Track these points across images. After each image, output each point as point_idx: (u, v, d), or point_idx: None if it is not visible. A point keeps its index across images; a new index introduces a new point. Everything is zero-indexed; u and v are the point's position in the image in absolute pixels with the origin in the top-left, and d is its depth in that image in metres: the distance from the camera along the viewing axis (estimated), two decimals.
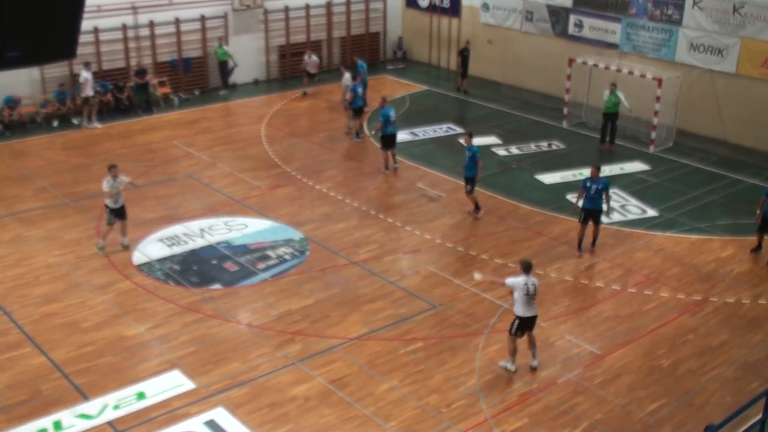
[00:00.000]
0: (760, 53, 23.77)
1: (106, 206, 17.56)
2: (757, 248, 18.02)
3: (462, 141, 19.53)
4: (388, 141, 22.05)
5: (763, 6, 23.47)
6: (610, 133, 24.30)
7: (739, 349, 14.52)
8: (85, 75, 25.44)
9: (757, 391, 12.59)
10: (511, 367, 13.65)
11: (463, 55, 30.34)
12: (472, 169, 19.16)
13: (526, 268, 13.27)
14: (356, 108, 24.52)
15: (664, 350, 14.30)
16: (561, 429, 12.39)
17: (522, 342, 13.63)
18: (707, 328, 15.19)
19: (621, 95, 23.80)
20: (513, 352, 13.63)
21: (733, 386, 13.47)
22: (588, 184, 17.55)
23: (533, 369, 13.70)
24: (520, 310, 13.30)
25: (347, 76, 25.83)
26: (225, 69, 29.69)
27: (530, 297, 13.24)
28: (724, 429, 10.83)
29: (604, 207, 17.57)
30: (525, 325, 13.43)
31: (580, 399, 13.08)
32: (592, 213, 17.63)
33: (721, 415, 11.92)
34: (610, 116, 24.11)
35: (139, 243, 18.02)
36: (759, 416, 11.35)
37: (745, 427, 11.54)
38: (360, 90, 24.53)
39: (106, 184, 17.37)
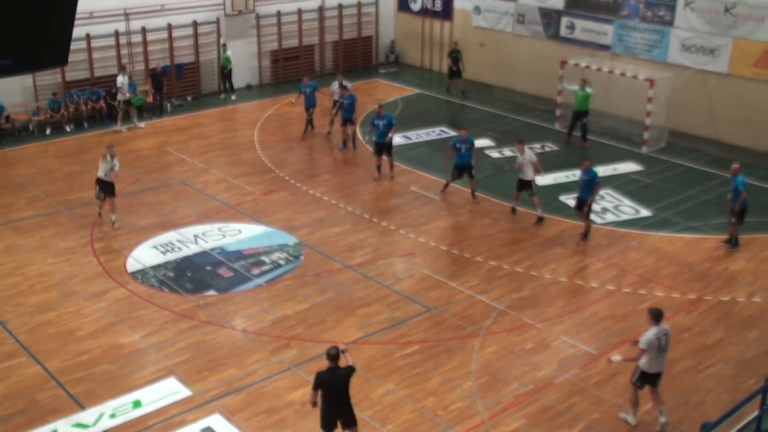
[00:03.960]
0: (752, 53, 23.85)
1: (97, 179, 18.74)
2: (729, 241, 18.23)
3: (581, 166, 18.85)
4: (384, 147, 21.86)
5: (754, 6, 23.55)
6: (581, 129, 24.38)
7: (735, 347, 14.56)
8: (121, 79, 25.84)
9: (753, 388, 12.61)
10: (631, 420, 12.44)
11: (452, 56, 30.53)
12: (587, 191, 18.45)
13: (657, 317, 11.97)
14: (345, 118, 24.16)
15: None
16: (558, 429, 12.40)
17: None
18: (702, 326, 15.22)
19: (590, 90, 23.88)
20: (634, 404, 12.39)
21: (729, 384, 13.50)
22: (457, 145, 19.88)
23: (663, 424, 12.33)
24: (647, 364, 12.04)
25: (335, 84, 25.39)
26: (230, 74, 29.77)
27: (662, 350, 12.01)
28: (720, 426, 10.87)
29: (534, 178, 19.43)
30: (649, 379, 12.20)
31: (576, 399, 13.10)
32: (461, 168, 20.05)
33: (717, 412, 11.94)
34: (580, 113, 24.20)
35: (133, 250, 17.99)
36: (755, 413, 11.39)
37: (741, 425, 11.57)
38: (346, 103, 24.06)
39: (102, 164, 18.63)
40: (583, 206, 18.41)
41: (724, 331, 15.07)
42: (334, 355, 10.90)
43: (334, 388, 10.92)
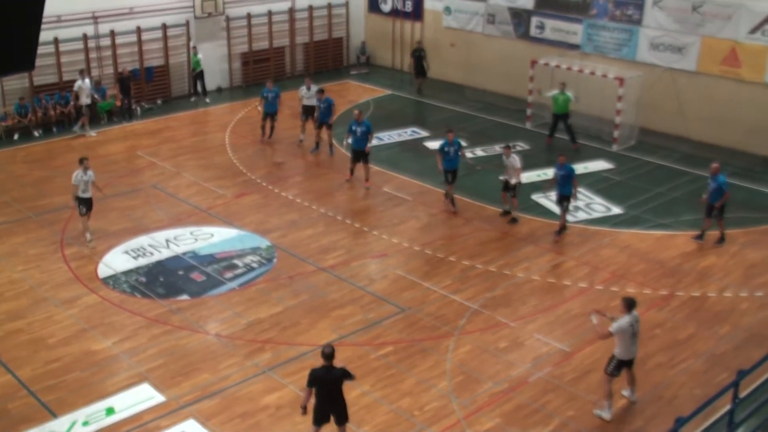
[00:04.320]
0: (719, 51, 24.09)
1: (77, 197, 18.11)
2: (700, 236, 18.41)
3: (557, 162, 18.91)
4: (361, 154, 21.49)
5: (721, 4, 23.80)
6: (567, 132, 24.49)
7: (706, 342, 14.69)
8: (79, 83, 25.41)
9: (725, 382, 12.74)
10: (606, 415, 12.56)
11: (415, 56, 30.80)
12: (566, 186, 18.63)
13: (630, 305, 12.39)
14: (321, 121, 24.03)
15: None
16: (533, 427, 12.45)
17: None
18: (674, 322, 15.34)
19: (570, 94, 24.05)
20: (609, 395, 12.58)
21: (702, 378, 13.62)
22: (445, 148, 19.85)
23: (632, 402, 12.90)
24: (622, 352, 12.42)
25: (303, 89, 25.06)
26: (203, 77, 29.64)
27: (634, 336, 12.41)
28: (693, 421, 10.96)
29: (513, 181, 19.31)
30: (625, 365, 12.60)
31: (551, 397, 13.15)
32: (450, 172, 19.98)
33: (690, 407, 12.03)
34: (561, 116, 24.34)
35: (105, 255, 17.84)
36: (727, 407, 11.49)
37: (714, 419, 11.66)
38: (323, 107, 23.93)
39: (75, 177, 17.97)
40: (563, 201, 18.59)
41: (696, 326, 15.20)
42: (329, 354, 11.04)
43: (327, 387, 11.10)
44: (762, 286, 16.59)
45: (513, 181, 19.31)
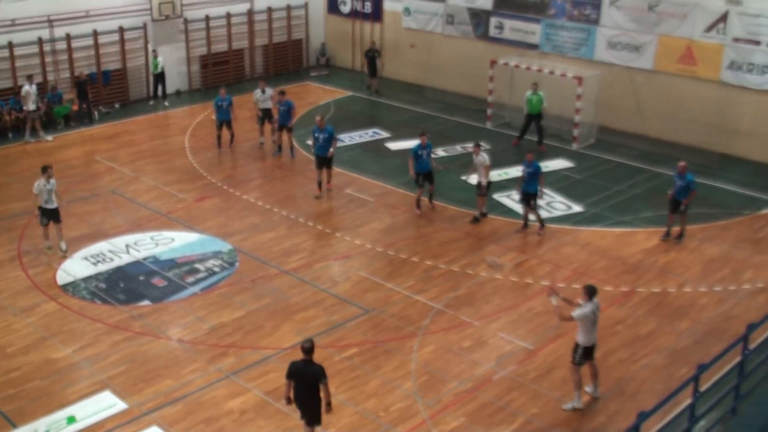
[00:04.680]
0: (675, 49, 24.40)
1: (39, 207, 17.64)
2: (667, 234, 18.61)
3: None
4: (325, 160, 21.15)
5: (677, 3, 24.11)
6: (538, 133, 24.63)
7: (667, 337, 14.85)
8: (27, 88, 24.96)
9: (686, 376, 12.86)
10: (577, 404, 12.75)
11: (369, 56, 31.01)
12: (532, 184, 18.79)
13: (592, 293, 12.52)
14: (281, 124, 23.88)
15: None
16: (498, 425, 12.49)
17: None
18: (635, 318, 15.49)
19: (542, 94, 24.19)
20: (578, 385, 12.76)
21: (663, 373, 13.77)
22: (419, 152, 19.80)
23: (595, 398, 13.05)
24: (585, 339, 12.58)
25: (258, 92, 24.70)
26: (164, 80, 29.39)
27: (595, 323, 12.58)
28: (655, 415, 11.06)
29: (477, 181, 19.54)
30: (589, 353, 12.75)
31: (515, 395, 13.21)
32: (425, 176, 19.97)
33: (652, 401, 12.14)
34: (534, 116, 24.47)
35: (63, 262, 17.58)
36: (688, 401, 11.62)
37: (675, 413, 11.78)
38: (282, 110, 23.74)
39: (37, 186, 17.52)
40: (530, 200, 18.71)
41: (657, 321, 15.36)
42: (308, 348, 11.06)
43: (303, 381, 11.12)
44: (720, 281, 16.81)
45: (483, 181, 19.30)
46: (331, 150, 20.86)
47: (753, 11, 22.78)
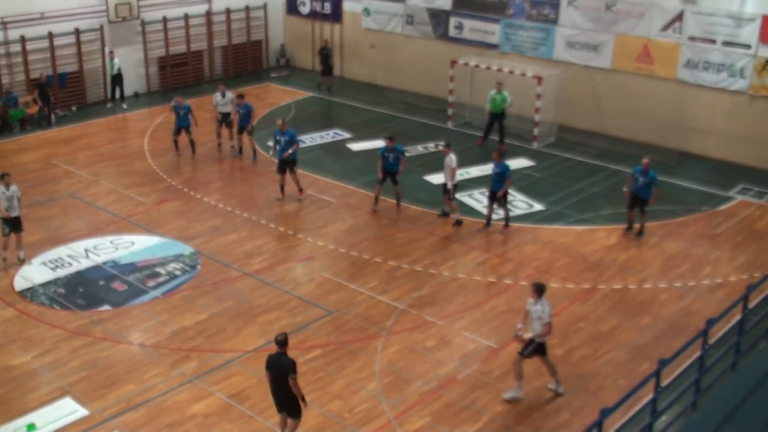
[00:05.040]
0: (633, 48, 24.68)
1: (1, 218, 17.29)
2: (629, 228, 18.79)
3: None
4: (287, 164, 20.93)
5: (633, 3, 24.39)
6: (499, 132, 24.73)
7: (629, 333, 15.00)
8: None
9: (648, 372, 12.98)
10: (519, 394, 13.01)
11: (322, 54, 31.15)
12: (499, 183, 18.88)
13: (542, 291, 12.72)
14: (241, 126, 23.71)
15: (558, 339, 14.59)
16: (463, 424, 12.52)
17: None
18: (597, 315, 15.62)
19: (507, 93, 24.32)
20: (519, 376, 12.94)
21: (625, 369, 13.90)
22: (385, 153, 19.96)
23: (559, 394, 13.16)
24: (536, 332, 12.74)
25: (218, 95, 24.30)
26: (121, 82, 29.06)
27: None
28: (618, 411, 11.15)
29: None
30: (542, 348, 12.87)
31: (479, 393, 13.25)
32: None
33: (615, 397, 12.24)
34: (497, 115, 24.58)
35: (21, 268, 17.30)
36: (650, 396, 11.73)
37: (638, 408, 11.88)
38: (241, 113, 23.63)
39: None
40: (496, 198, 18.82)
41: (618, 318, 15.50)
42: (281, 341, 11.32)
43: (275, 373, 11.34)
44: (680, 277, 17.02)
45: (449, 183, 19.27)
46: (290, 151, 20.63)
47: (708, 10, 23.13)
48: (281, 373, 11.24)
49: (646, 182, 18.27)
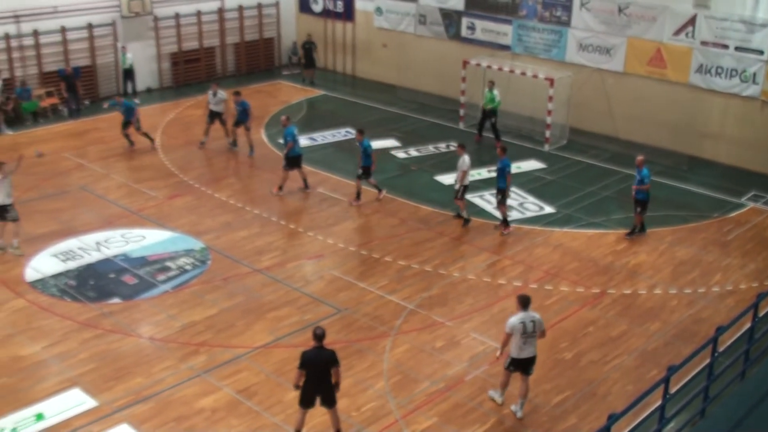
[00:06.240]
0: (645, 52, 24.63)
1: None
2: (632, 231, 18.88)
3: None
4: (294, 161, 21.09)
5: (646, 6, 24.34)
6: (492, 129, 24.76)
7: (638, 339, 14.96)
8: None
9: (656, 378, 12.97)
10: (498, 398, 12.94)
11: (306, 47, 31.70)
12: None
13: (524, 303, 12.32)
14: (239, 120, 23.83)
15: (567, 343, 14.61)
16: (470, 425, 12.52)
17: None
18: (607, 319, 15.60)
19: (496, 93, 24.35)
20: (504, 385, 12.86)
21: (634, 375, 13.87)
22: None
23: (519, 419, 12.72)
24: (514, 350, 12.38)
25: (210, 93, 24.32)
26: (133, 77, 29.20)
27: (528, 335, 12.27)
28: (626, 417, 11.12)
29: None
30: (519, 365, 12.54)
31: (487, 395, 13.24)
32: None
33: (623, 403, 12.24)
34: (488, 112, 24.63)
35: (31, 259, 17.36)
36: (659, 402, 11.71)
37: (646, 414, 11.87)
38: (238, 110, 23.74)
39: None
40: (497, 194, 18.93)
41: (628, 323, 15.47)
42: (320, 335, 11.41)
43: (318, 368, 11.40)
44: (690, 284, 16.98)
45: (457, 185, 19.23)
46: (285, 150, 20.94)
47: (720, 15, 23.07)
48: (325, 366, 11.39)
49: (639, 180, 18.29)
